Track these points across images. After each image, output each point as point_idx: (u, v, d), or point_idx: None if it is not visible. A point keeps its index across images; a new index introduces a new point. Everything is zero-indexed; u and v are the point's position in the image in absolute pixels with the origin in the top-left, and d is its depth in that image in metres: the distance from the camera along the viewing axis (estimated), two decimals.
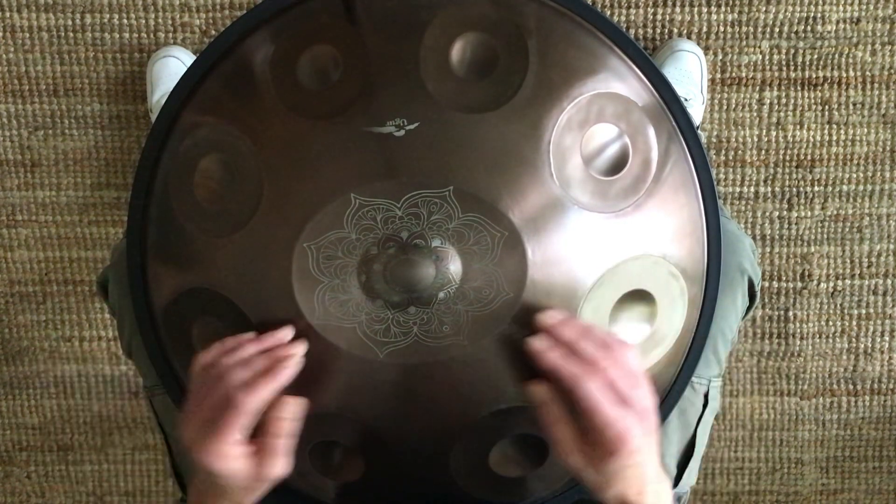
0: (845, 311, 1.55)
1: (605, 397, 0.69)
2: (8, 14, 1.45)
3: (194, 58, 1.28)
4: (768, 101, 1.47)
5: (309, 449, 0.79)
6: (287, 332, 0.74)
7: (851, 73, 1.46)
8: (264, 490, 0.74)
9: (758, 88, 1.47)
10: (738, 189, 1.50)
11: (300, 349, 0.73)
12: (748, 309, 0.98)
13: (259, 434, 0.72)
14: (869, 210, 1.51)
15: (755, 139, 1.48)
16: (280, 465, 0.72)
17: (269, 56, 0.78)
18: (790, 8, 1.44)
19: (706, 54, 1.45)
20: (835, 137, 1.49)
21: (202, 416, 0.71)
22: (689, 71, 1.41)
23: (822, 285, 1.54)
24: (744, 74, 1.46)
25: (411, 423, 0.77)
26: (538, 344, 0.71)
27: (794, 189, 1.50)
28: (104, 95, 1.48)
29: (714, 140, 1.48)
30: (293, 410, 0.73)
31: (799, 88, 1.47)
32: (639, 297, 0.78)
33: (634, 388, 0.70)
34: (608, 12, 1.44)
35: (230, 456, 0.71)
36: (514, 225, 0.73)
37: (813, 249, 1.52)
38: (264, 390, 0.71)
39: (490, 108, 0.74)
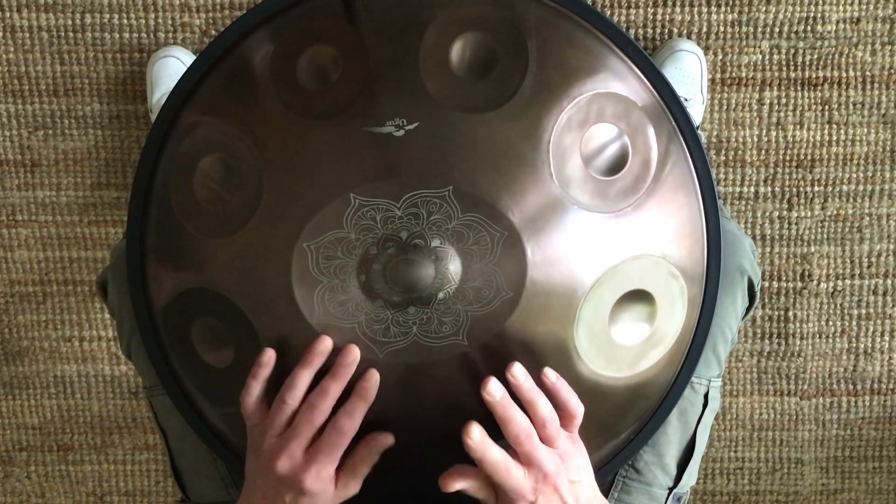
0: (845, 311, 1.55)
1: (503, 463, 0.73)
2: (8, 14, 1.45)
3: (194, 58, 1.28)
4: (768, 101, 1.47)
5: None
6: (327, 343, 0.74)
7: (851, 73, 1.46)
8: None
9: (758, 88, 1.47)
10: (738, 189, 1.50)
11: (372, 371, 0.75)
12: (748, 309, 0.98)
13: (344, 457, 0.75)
14: (869, 210, 1.51)
15: (755, 139, 1.48)
16: (358, 487, 0.76)
17: (269, 56, 0.78)
18: (790, 8, 1.44)
19: (706, 54, 1.45)
20: (835, 137, 1.49)
21: (302, 443, 0.74)
22: (689, 71, 1.41)
23: (822, 285, 1.54)
24: (744, 74, 1.46)
25: (411, 423, 0.77)
26: (491, 390, 0.73)
27: (794, 189, 1.50)
28: (104, 95, 1.48)
29: (714, 140, 1.48)
30: (388, 443, 0.76)
31: (799, 88, 1.47)
32: (638, 297, 0.78)
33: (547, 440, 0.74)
34: (608, 12, 1.44)
35: (329, 477, 0.74)
36: (513, 225, 0.73)
37: (813, 249, 1.52)
38: (362, 412, 0.74)
39: (490, 108, 0.74)
